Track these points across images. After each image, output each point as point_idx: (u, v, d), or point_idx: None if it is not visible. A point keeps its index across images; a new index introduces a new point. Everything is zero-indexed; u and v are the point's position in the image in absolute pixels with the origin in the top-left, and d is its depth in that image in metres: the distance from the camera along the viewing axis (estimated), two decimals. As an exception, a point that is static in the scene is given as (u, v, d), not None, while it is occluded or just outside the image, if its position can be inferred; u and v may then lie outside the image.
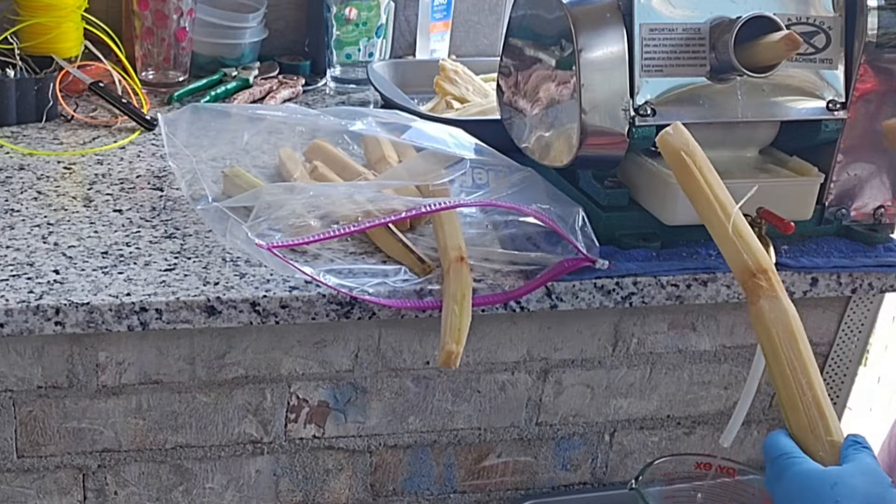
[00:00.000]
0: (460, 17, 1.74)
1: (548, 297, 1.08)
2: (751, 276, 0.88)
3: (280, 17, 1.67)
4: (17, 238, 1.07)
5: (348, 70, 1.60)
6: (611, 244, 1.12)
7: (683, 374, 1.23)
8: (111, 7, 1.57)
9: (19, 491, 1.08)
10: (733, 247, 0.90)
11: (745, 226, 0.91)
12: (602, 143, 1.08)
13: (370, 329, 1.10)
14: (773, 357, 0.86)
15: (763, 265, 0.88)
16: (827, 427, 0.84)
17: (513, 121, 1.21)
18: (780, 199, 1.09)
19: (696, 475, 1.03)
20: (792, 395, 0.85)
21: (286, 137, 1.28)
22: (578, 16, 1.06)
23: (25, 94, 1.38)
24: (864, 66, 1.11)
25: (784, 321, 0.86)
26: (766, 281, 0.88)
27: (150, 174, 1.26)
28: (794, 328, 0.86)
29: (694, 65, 1.08)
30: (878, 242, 1.18)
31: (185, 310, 0.99)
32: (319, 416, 1.13)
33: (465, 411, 1.17)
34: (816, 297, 1.16)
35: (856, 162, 1.16)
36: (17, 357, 1.02)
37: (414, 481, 1.20)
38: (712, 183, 0.92)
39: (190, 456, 1.11)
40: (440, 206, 1.07)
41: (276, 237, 1.04)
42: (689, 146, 0.94)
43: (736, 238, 0.90)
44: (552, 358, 1.17)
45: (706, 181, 0.92)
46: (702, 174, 0.93)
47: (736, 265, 0.90)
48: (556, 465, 1.24)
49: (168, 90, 1.52)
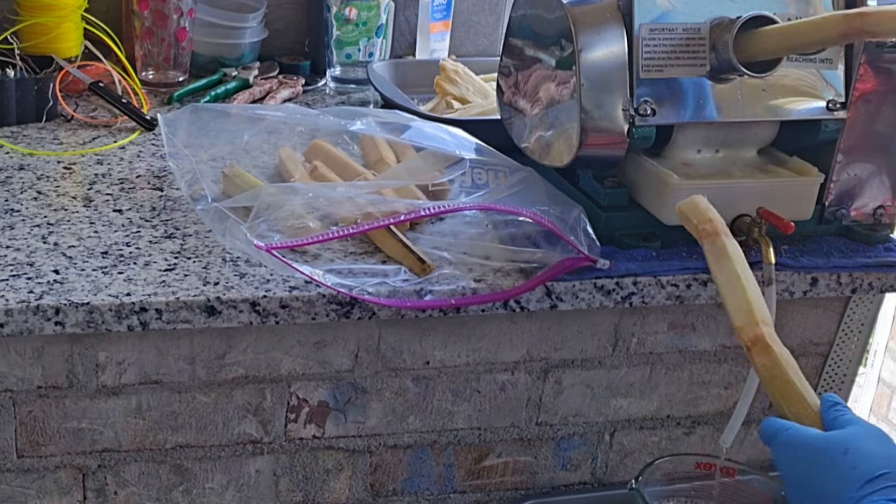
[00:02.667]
0: (460, 17, 1.74)
1: (548, 297, 1.08)
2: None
3: (280, 17, 1.67)
4: (17, 238, 1.07)
5: (348, 70, 1.60)
6: (611, 244, 1.12)
7: (683, 374, 1.23)
8: (111, 7, 1.57)
9: (19, 491, 1.08)
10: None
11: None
12: (602, 143, 1.08)
13: (370, 329, 1.10)
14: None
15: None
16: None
17: (513, 121, 1.21)
18: (780, 199, 1.10)
19: (696, 475, 1.03)
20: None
21: (286, 137, 1.28)
22: (578, 16, 1.06)
23: (25, 94, 1.38)
24: (864, 66, 1.11)
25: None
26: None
27: (150, 174, 1.26)
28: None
29: (694, 65, 1.08)
30: (878, 242, 1.18)
31: (185, 310, 0.99)
32: (319, 416, 1.13)
33: (465, 411, 1.17)
34: (816, 297, 1.16)
35: (856, 162, 1.16)
36: (17, 357, 1.02)
37: (414, 481, 1.20)
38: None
39: (190, 456, 1.11)
40: (440, 210, 1.07)
41: (275, 238, 1.04)
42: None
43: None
44: (552, 358, 1.17)
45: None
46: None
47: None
48: (556, 465, 1.24)
49: (168, 90, 1.52)
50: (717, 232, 0.94)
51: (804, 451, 0.80)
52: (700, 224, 0.95)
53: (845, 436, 0.79)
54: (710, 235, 0.94)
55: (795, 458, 0.80)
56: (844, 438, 0.79)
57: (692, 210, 0.97)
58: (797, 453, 0.80)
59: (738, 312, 0.89)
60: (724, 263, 0.92)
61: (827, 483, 0.77)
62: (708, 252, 0.94)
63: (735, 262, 0.91)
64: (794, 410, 0.84)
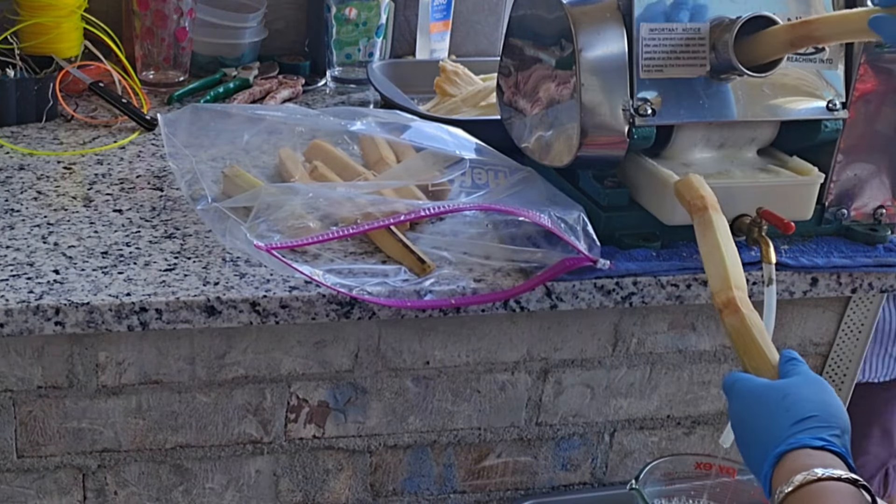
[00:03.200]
0: (460, 17, 1.74)
1: (548, 297, 1.08)
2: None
3: (280, 17, 1.67)
4: (17, 238, 1.07)
5: (348, 70, 1.60)
6: (611, 244, 1.12)
7: (683, 374, 1.23)
8: (111, 7, 1.57)
9: (19, 491, 1.08)
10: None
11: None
12: (602, 143, 1.08)
13: (370, 329, 1.10)
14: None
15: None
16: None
17: (513, 121, 1.21)
18: (780, 199, 1.10)
19: (696, 475, 1.03)
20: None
21: (286, 137, 1.28)
22: (578, 16, 1.06)
23: (25, 94, 1.38)
24: (864, 66, 1.11)
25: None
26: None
27: (150, 174, 1.26)
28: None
29: (694, 65, 1.08)
30: (878, 242, 1.18)
31: (185, 310, 0.99)
32: (319, 416, 1.13)
33: (465, 411, 1.17)
34: (816, 297, 1.16)
35: (856, 162, 1.16)
36: (17, 357, 1.02)
37: (414, 481, 1.20)
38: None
39: (190, 456, 1.11)
40: (439, 210, 1.07)
41: (275, 238, 1.04)
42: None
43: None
44: (552, 358, 1.17)
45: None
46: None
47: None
48: (555, 465, 1.24)
49: (168, 90, 1.52)
50: (706, 206, 0.99)
51: (751, 396, 0.85)
52: (692, 200, 1.00)
53: (787, 383, 0.85)
54: (700, 210, 0.99)
55: (743, 404, 0.85)
56: (786, 385, 0.84)
57: (686, 187, 1.02)
58: (745, 400, 0.85)
59: (715, 279, 0.94)
60: (708, 235, 0.97)
61: (765, 426, 0.82)
62: (696, 226, 0.99)
63: (718, 233, 0.97)
64: (755, 365, 0.89)
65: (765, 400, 0.84)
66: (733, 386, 0.87)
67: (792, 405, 0.82)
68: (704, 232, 0.98)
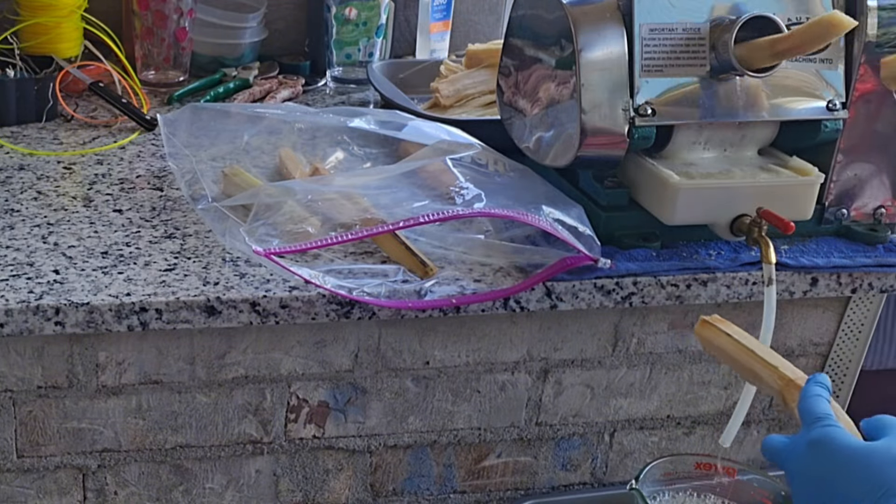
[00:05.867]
0: (460, 17, 1.74)
1: (548, 297, 1.08)
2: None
3: (280, 17, 1.67)
4: (17, 238, 1.07)
5: (348, 70, 1.60)
6: (611, 244, 1.12)
7: (683, 374, 1.23)
8: (111, 7, 1.57)
9: (19, 491, 1.08)
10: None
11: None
12: (602, 143, 1.08)
13: (370, 329, 1.10)
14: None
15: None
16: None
17: (513, 121, 1.21)
18: (780, 199, 1.09)
19: (696, 475, 1.03)
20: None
21: (286, 137, 1.28)
22: (578, 16, 1.06)
23: (25, 94, 1.38)
24: (864, 66, 1.11)
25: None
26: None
27: (150, 174, 1.26)
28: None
29: (694, 65, 1.08)
30: (878, 242, 1.18)
31: (185, 310, 0.99)
32: (319, 416, 1.13)
33: (465, 411, 1.17)
34: (816, 297, 1.16)
35: (856, 162, 1.16)
36: (17, 357, 1.02)
37: (414, 481, 1.20)
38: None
39: (190, 456, 1.11)
40: (439, 217, 1.06)
41: (273, 243, 1.04)
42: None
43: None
44: (552, 358, 1.17)
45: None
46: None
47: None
48: (555, 465, 1.24)
49: (168, 90, 1.52)
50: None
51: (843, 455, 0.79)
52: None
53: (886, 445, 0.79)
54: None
55: (834, 464, 0.80)
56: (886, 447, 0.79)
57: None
58: (836, 459, 0.79)
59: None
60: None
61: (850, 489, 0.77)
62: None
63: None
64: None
65: (867, 461, 0.78)
66: (819, 442, 0.81)
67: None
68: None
